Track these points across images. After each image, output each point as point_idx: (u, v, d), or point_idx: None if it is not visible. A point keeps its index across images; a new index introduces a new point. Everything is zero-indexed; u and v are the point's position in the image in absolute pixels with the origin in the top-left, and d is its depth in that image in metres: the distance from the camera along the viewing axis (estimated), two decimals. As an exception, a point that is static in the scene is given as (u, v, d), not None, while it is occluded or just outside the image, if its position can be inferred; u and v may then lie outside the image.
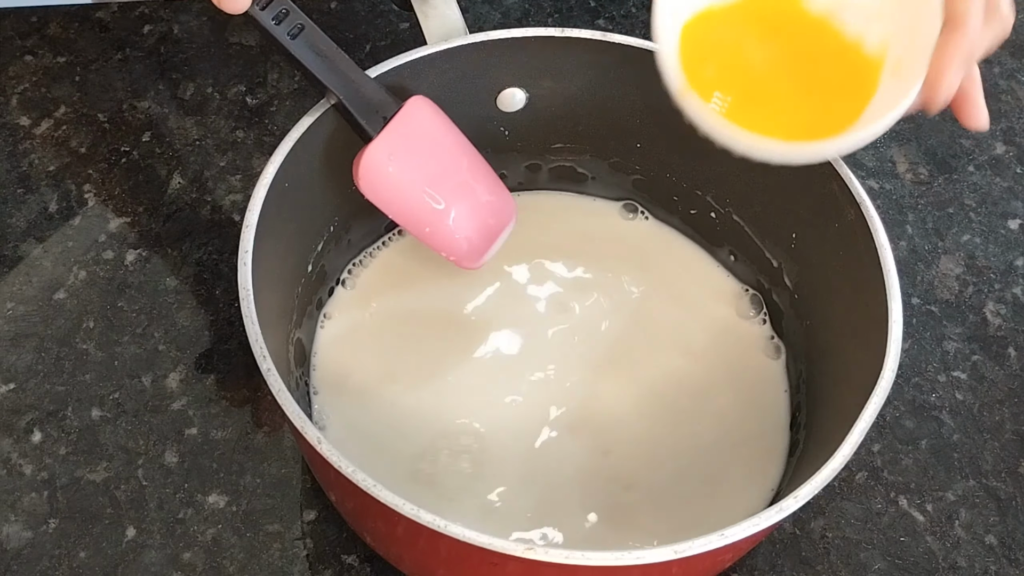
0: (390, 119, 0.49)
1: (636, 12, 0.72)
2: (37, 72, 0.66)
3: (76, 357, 0.56)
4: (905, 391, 0.57)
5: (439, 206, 0.51)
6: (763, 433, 0.53)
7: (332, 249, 0.55)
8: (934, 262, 0.62)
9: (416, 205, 0.51)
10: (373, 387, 0.53)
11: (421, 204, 0.51)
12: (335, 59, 0.47)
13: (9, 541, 0.50)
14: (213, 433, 0.53)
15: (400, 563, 0.48)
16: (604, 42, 0.52)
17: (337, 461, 0.38)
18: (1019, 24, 0.74)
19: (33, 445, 0.53)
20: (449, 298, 0.56)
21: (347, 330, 0.55)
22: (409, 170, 0.50)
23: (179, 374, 0.55)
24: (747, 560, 0.51)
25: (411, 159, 0.50)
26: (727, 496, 0.51)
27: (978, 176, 0.66)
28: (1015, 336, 0.59)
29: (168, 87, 0.66)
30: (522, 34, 0.52)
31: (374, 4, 0.71)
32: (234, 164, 0.63)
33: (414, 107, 0.50)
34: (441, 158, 0.52)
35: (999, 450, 0.55)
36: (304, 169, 0.49)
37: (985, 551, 0.52)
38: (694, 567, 0.43)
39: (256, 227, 0.45)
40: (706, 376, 0.54)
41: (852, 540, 0.52)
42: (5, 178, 0.62)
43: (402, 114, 0.49)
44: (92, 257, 0.59)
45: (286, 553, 0.50)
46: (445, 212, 0.51)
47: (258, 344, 0.42)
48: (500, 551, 0.37)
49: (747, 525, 0.38)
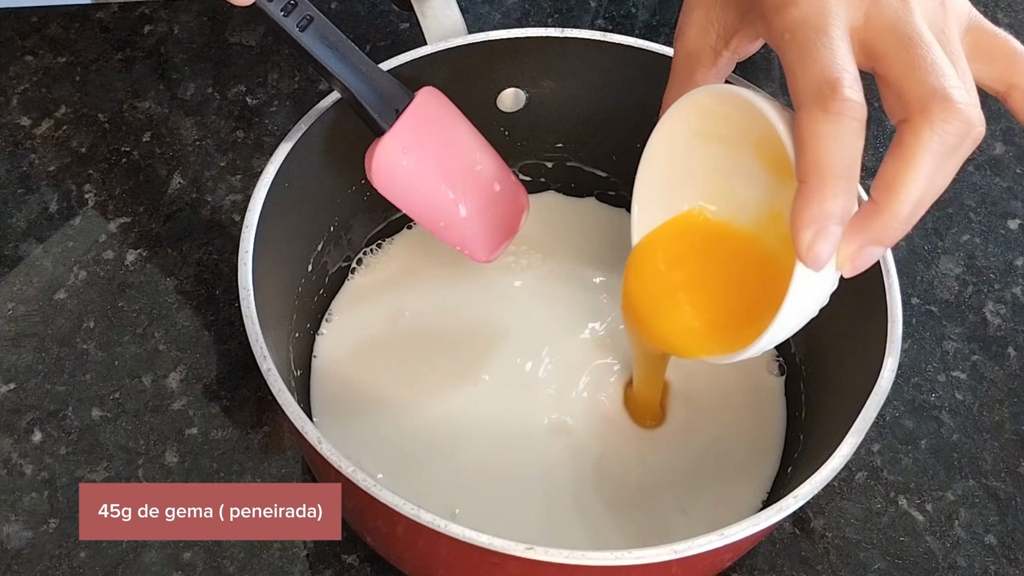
0: (402, 111, 0.48)
1: (636, 12, 0.72)
2: (37, 72, 0.66)
3: (76, 357, 0.56)
4: (905, 391, 0.57)
5: (453, 199, 0.50)
6: (762, 432, 0.53)
7: (332, 249, 0.55)
8: (934, 262, 0.62)
9: (430, 199, 0.50)
10: (374, 387, 0.53)
11: (435, 197, 0.50)
12: (345, 51, 0.46)
13: (9, 541, 0.50)
14: (213, 433, 0.53)
15: (400, 563, 0.48)
16: (604, 42, 0.52)
17: (337, 461, 0.38)
18: (1021, 25, 0.74)
19: (33, 445, 0.53)
20: (451, 298, 0.56)
21: (347, 330, 0.55)
22: (423, 163, 0.49)
23: (179, 374, 0.55)
24: (747, 560, 0.51)
25: (425, 152, 0.49)
26: (726, 495, 0.51)
27: (978, 176, 0.66)
28: (1015, 336, 0.59)
29: (168, 87, 0.66)
30: (522, 34, 0.52)
31: (374, 4, 0.71)
32: (234, 164, 0.63)
33: (426, 98, 0.49)
34: (454, 150, 0.51)
35: (999, 450, 0.55)
36: (304, 169, 0.49)
37: (985, 551, 0.52)
38: (694, 567, 0.43)
39: (256, 227, 0.45)
40: (706, 376, 0.54)
41: (852, 540, 0.52)
42: (5, 178, 0.62)
43: (414, 106, 0.48)
44: (92, 257, 0.59)
45: (286, 553, 0.50)
46: (459, 205, 0.51)
47: (258, 344, 0.42)
48: (500, 551, 0.37)
49: (747, 524, 0.38)
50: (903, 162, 0.34)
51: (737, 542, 0.38)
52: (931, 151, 0.34)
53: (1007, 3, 0.76)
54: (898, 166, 0.34)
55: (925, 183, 0.34)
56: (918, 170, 0.34)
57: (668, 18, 0.72)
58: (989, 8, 0.75)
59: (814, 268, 0.35)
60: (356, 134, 0.49)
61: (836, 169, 0.34)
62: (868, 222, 0.35)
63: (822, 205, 0.34)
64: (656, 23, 0.72)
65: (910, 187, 0.34)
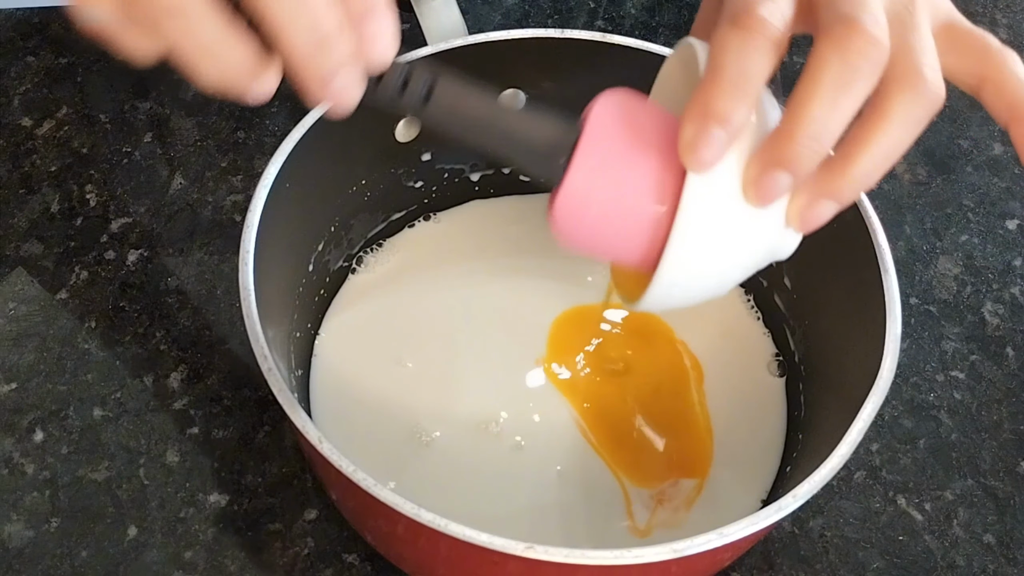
0: (571, 157, 0.36)
1: (636, 13, 0.72)
2: (39, 73, 0.66)
3: (78, 357, 0.56)
4: (903, 391, 0.57)
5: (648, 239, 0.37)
6: (762, 432, 0.53)
7: (333, 249, 0.55)
8: (932, 262, 0.62)
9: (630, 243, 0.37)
10: (374, 386, 0.53)
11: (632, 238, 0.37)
12: (481, 105, 0.36)
13: (11, 540, 0.50)
14: (214, 432, 0.54)
15: (401, 562, 0.48)
16: (604, 43, 0.52)
17: (338, 460, 0.39)
18: (1019, 25, 0.74)
19: (35, 444, 0.53)
20: (452, 298, 0.56)
21: (348, 330, 0.55)
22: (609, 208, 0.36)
23: (180, 374, 0.55)
24: (746, 559, 0.51)
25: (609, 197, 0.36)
26: (725, 495, 0.51)
27: (976, 176, 0.66)
28: (1013, 336, 0.59)
29: (169, 88, 0.66)
30: (522, 35, 0.52)
31: (374, 5, 0.71)
32: (235, 165, 0.63)
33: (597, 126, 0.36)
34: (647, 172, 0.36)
35: (997, 449, 0.55)
36: (305, 170, 0.49)
37: (983, 550, 0.52)
38: (693, 566, 0.43)
39: (257, 227, 0.45)
40: (705, 375, 0.54)
41: (850, 539, 0.52)
42: (7, 179, 0.62)
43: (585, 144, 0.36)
44: (94, 257, 0.59)
45: (287, 552, 0.50)
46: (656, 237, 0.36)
47: (259, 344, 0.42)
48: (500, 550, 0.37)
49: (746, 524, 0.38)
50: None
51: (736, 541, 0.38)
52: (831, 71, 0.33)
53: (1006, 3, 0.76)
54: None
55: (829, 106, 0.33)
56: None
57: (667, 19, 0.72)
58: (988, 8, 0.75)
59: (693, 168, 0.34)
60: (356, 134, 0.49)
61: (730, 73, 0.33)
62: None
63: (707, 103, 0.33)
64: (656, 24, 0.72)
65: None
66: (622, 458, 0.51)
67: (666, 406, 0.53)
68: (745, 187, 0.34)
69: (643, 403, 0.53)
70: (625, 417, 0.53)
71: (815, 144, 0.33)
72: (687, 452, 0.52)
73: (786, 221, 0.36)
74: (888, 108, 0.34)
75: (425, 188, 0.58)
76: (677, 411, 0.53)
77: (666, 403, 0.53)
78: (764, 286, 0.56)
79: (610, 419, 0.52)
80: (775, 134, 0.34)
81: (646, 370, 0.54)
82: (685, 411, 0.53)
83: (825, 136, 0.33)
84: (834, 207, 0.35)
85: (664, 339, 0.56)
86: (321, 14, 0.30)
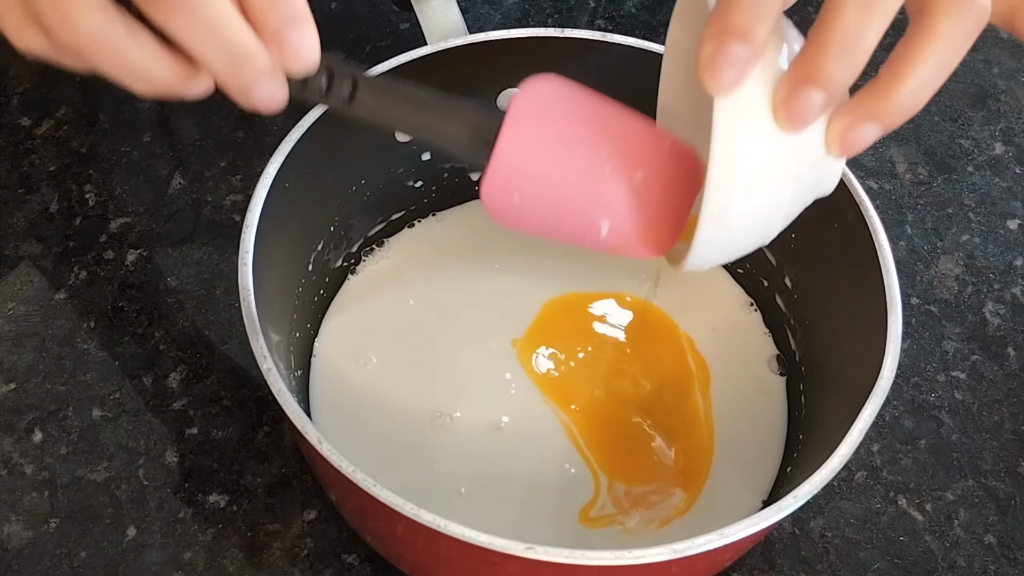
0: (495, 141, 0.37)
1: (636, 12, 0.72)
2: (38, 72, 0.66)
3: (77, 357, 0.56)
4: (904, 391, 0.57)
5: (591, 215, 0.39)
6: (762, 432, 0.53)
7: (332, 249, 0.55)
8: (933, 262, 0.62)
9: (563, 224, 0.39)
10: (374, 387, 0.53)
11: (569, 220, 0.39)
12: (403, 100, 0.37)
13: (10, 540, 0.50)
14: (214, 433, 0.53)
15: (400, 562, 0.48)
16: (604, 42, 0.52)
17: (337, 461, 0.38)
18: (1018, 24, 0.74)
19: (34, 445, 0.53)
20: (451, 298, 0.56)
21: (347, 330, 0.55)
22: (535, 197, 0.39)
23: (180, 374, 0.55)
24: (746, 559, 0.51)
25: (535, 183, 0.38)
26: (726, 495, 0.51)
27: (977, 176, 0.66)
28: (1014, 336, 0.59)
29: (169, 87, 0.66)
30: (522, 34, 0.52)
31: (374, 4, 0.71)
32: (235, 164, 0.63)
33: (523, 110, 0.38)
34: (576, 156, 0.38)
35: (998, 450, 0.55)
36: (304, 169, 0.49)
37: (984, 551, 0.52)
38: (693, 566, 0.43)
39: (257, 227, 0.45)
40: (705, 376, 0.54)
41: (851, 539, 0.52)
42: (6, 178, 0.62)
43: (506, 131, 0.37)
44: (93, 257, 0.59)
45: (286, 552, 0.50)
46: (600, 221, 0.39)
47: (258, 344, 0.42)
48: (500, 550, 0.37)
49: (746, 524, 0.38)
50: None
51: (737, 542, 0.38)
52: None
53: (1007, 3, 0.76)
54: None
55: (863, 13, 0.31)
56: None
57: (667, 18, 0.72)
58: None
59: (714, 91, 0.31)
60: (356, 134, 0.49)
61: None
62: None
63: (724, 19, 0.31)
64: (656, 23, 0.72)
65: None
66: (613, 454, 0.51)
67: (668, 406, 0.53)
68: (776, 110, 0.32)
69: (644, 403, 0.53)
70: (624, 416, 0.52)
71: (848, 56, 0.31)
72: (685, 457, 0.52)
73: (826, 147, 0.33)
74: (934, 22, 0.32)
75: (425, 187, 0.58)
76: (678, 412, 0.53)
77: (668, 403, 0.53)
78: (765, 286, 0.56)
79: (606, 417, 0.52)
80: (804, 48, 0.32)
81: (647, 369, 0.54)
82: (687, 414, 0.53)
83: (860, 47, 0.31)
84: (878, 131, 0.33)
85: (668, 334, 0.55)
86: (235, 36, 0.31)
